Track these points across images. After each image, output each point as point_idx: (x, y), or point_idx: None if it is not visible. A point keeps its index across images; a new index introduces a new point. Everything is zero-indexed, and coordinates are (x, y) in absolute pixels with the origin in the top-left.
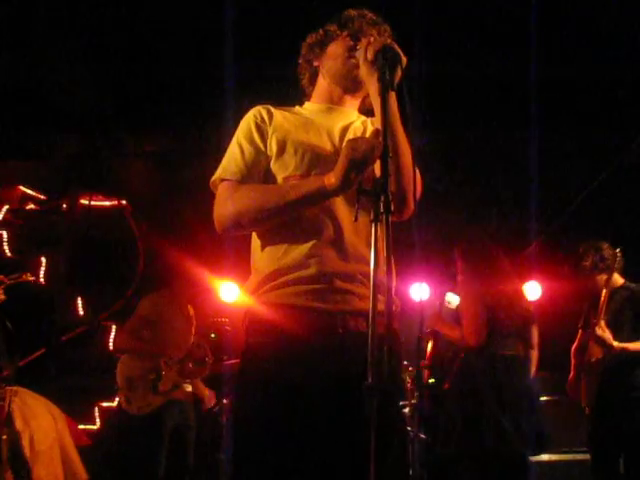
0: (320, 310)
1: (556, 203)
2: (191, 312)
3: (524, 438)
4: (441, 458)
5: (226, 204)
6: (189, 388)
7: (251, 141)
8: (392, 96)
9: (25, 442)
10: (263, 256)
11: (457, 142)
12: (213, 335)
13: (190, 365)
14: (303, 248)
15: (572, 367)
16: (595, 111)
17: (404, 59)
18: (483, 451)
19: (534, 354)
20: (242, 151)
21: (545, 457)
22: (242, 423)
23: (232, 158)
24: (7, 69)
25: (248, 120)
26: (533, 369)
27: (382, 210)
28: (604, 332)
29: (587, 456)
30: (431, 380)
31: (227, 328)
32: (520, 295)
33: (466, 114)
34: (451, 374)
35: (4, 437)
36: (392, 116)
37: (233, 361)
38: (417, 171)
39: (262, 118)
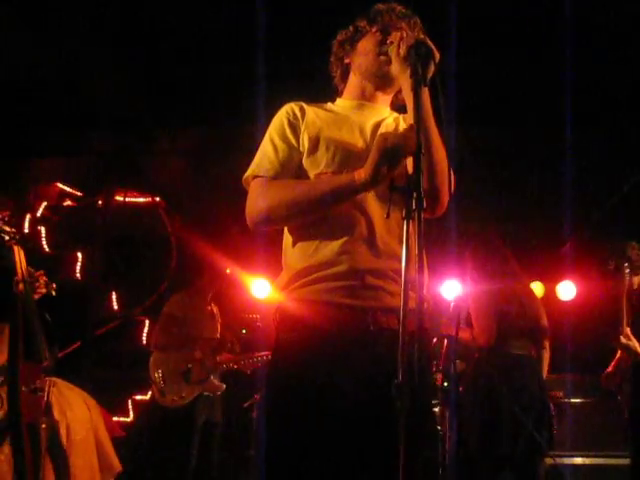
0: (351, 306)
1: (591, 202)
2: (215, 310)
3: (540, 437)
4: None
5: (258, 200)
6: (217, 381)
7: (284, 138)
8: (425, 92)
9: (62, 431)
10: (294, 252)
11: (492, 140)
12: (244, 331)
13: (221, 357)
14: (335, 245)
15: (614, 361)
16: (631, 108)
17: (437, 54)
18: (501, 452)
19: (546, 355)
20: (275, 148)
21: (579, 460)
22: (273, 418)
23: (265, 155)
24: (42, 66)
25: (281, 117)
26: (545, 369)
27: (414, 207)
28: (629, 340)
29: (623, 460)
30: (445, 384)
31: (258, 324)
32: (531, 295)
33: (499, 111)
34: (466, 376)
35: (43, 426)
36: (425, 112)
37: (263, 353)
38: (450, 168)
39: (294, 115)
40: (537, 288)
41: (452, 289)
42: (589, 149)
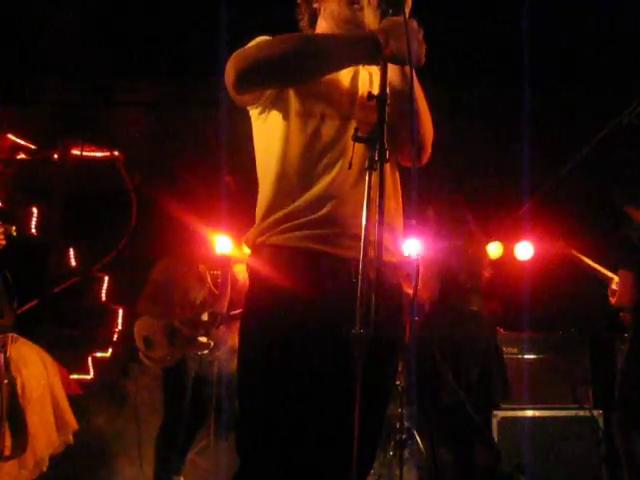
0: (333, 255)
1: (550, 164)
2: (203, 272)
3: (491, 389)
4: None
5: (254, 49)
6: (204, 339)
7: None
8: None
9: (18, 389)
10: (275, 198)
11: (450, 99)
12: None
13: (204, 318)
14: (317, 190)
15: None
16: (593, 70)
17: (409, 1)
18: (445, 404)
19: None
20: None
21: (530, 413)
22: (247, 368)
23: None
24: None
25: (260, 37)
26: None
27: (377, 158)
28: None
29: (570, 412)
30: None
31: (219, 281)
32: (483, 256)
33: (456, 69)
34: (411, 330)
35: (6, 382)
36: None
37: (239, 311)
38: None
39: None
40: (496, 248)
41: (413, 247)
42: (548, 110)
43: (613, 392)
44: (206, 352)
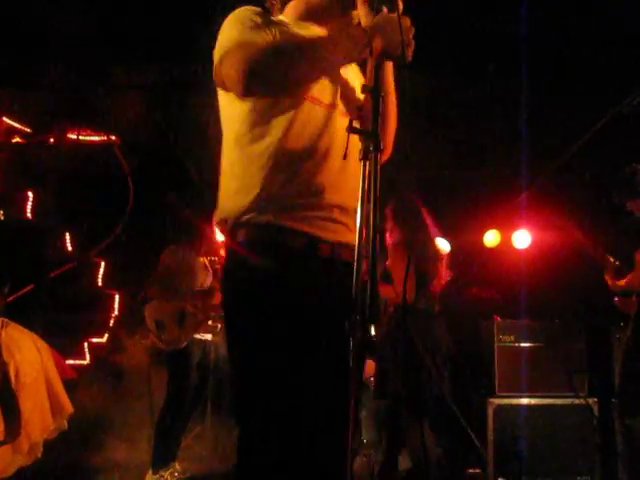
0: (321, 239)
1: (548, 152)
2: (207, 262)
3: (465, 382)
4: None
5: (255, 47)
6: (212, 323)
7: (258, 27)
8: None
9: (11, 374)
10: (262, 178)
11: (448, 88)
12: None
13: (210, 302)
14: (307, 175)
15: None
16: (590, 59)
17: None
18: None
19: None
20: (252, 27)
21: (525, 401)
22: (240, 348)
23: (238, 28)
24: None
25: (245, 11)
26: None
27: (371, 148)
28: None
29: (564, 400)
30: None
31: (218, 267)
32: (440, 253)
33: (458, 60)
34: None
35: None
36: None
37: None
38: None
39: (262, 13)
40: (493, 236)
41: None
42: (546, 98)
43: (609, 380)
44: (209, 337)
